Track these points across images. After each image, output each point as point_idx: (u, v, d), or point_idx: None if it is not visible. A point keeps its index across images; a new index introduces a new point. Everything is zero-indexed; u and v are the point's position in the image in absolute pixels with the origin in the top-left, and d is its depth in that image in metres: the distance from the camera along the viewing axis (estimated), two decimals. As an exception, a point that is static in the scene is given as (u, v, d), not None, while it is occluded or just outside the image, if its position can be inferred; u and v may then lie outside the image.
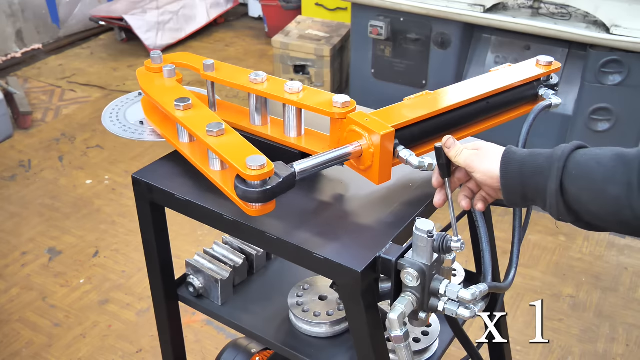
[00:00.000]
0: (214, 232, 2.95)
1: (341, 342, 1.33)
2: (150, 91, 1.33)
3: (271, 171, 1.01)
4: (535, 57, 1.35)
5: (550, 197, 0.96)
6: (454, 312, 0.99)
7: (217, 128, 1.13)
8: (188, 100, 1.23)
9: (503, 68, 1.35)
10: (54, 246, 3.08)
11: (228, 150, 1.08)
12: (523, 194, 1.01)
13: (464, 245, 0.99)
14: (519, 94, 1.31)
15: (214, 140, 1.12)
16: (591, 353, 2.49)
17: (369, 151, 1.11)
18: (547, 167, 0.97)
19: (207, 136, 1.13)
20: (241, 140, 1.12)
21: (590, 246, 3.04)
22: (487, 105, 1.26)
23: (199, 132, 1.15)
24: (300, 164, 1.06)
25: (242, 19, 5.98)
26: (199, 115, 1.21)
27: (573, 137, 3.03)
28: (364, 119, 1.12)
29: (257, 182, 1.00)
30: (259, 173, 0.99)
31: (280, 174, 1.01)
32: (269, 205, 1.05)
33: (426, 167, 1.11)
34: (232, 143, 1.11)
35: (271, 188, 1.00)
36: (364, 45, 3.44)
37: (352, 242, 1.09)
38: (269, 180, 1.01)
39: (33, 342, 2.55)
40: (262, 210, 1.05)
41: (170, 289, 1.45)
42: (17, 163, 3.77)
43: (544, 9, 3.07)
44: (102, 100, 4.50)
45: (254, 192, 1.00)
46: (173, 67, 1.38)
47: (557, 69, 1.34)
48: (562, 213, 0.97)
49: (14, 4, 5.06)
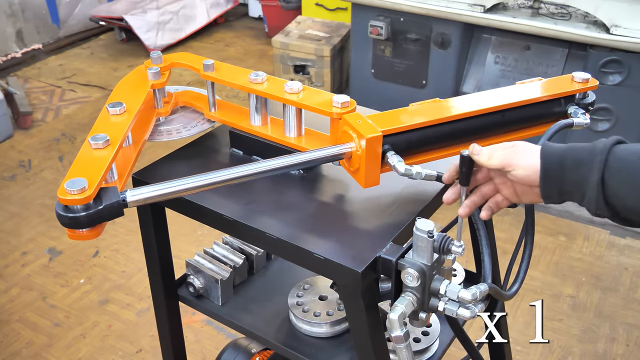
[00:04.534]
0: (214, 232, 2.95)
1: (341, 342, 1.33)
2: (117, 90, 1.33)
3: (89, 197, 0.96)
4: (572, 73, 1.26)
5: (591, 190, 0.96)
6: (454, 312, 0.99)
7: (95, 141, 1.08)
8: (120, 105, 1.21)
9: (531, 81, 1.28)
10: (54, 246, 3.08)
11: (76, 167, 1.03)
12: (561, 187, 1.00)
13: (464, 250, 0.99)
14: (542, 110, 1.24)
15: (84, 152, 1.08)
16: (591, 353, 2.49)
17: (357, 154, 1.10)
18: (588, 159, 0.96)
19: (87, 145, 1.09)
20: (102, 160, 1.06)
21: (590, 246, 3.04)
22: (502, 119, 1.20)
23: (86, 140, 1.11)
24: (134, 192, 1.01)
25: (242, 19, 5.98)
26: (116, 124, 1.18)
27: (573, 137, 3.03)
28: (356, 120, 1.11)
29: (79, 206, 0.97)
30: (74, 197, 0.95)
31: (103, 201, 0.98)
32: (92, 232, 1.00)
33: (414, 176, 1.09)
34: (92, 160, 1.06)
35: (86, 215, 0.96)
36: (364, 45, 3.44)
37: (352, 242, 1.08)
38: (92, 205, 0.97)
39: (33, 342, 2.55)
40: (84, 236, 1.00)
41: (170, 289, 1.45)
42: (17, 163, 3.77)
43: (544, 9, 3.07)
44: (102, 100, 4.50)
45: (65, 216, 0.96)
46: (158, 70, 1.36)
47: (594, 86, 1.25)
48: (600, 207, 0.96)
49: (14, 4, 5.06)
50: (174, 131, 1.38)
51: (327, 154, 1.12)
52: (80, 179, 0.97)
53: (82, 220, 0.97)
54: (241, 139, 1.34)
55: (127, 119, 1.20)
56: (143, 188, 1.02)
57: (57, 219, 0.98)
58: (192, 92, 1.49)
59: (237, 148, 1.36)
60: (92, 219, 0.97)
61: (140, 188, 1.02)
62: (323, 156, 1.12)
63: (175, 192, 1.04)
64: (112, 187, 1.01)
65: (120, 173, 1.14)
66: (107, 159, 1.06)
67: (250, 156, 1.34)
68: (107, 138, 1.09)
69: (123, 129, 1.16)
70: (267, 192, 1.23)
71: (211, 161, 1.35)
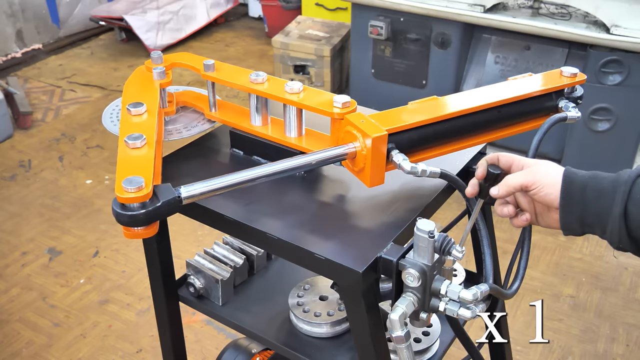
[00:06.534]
0: (214, 232, 2.95)
1: (342, 343, 1.33)
2: (125, 90, 1.33)
3: (147, 195, 0.96)
4: (560, 68, 1.29)
5: (613, 222, 0.93)
6: (455, 313, 0.99)
7: (133, 140, 1.09)
8: (141, 105, 1.21)
9: (522, 77, 1.30)
10: (54, 246, 3.08)
11: (123, 167, 1.04)
12: (582, 217, 0.97)
13: (464, 255, 0.99)
14: (535, 104, 1.26)
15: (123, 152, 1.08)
16: (591, 353, 2.49)
17: (362, 153, 1.10)
18: (611, 190, 0.94)
19: (123, 146, 1.10)
20: (148, 158, 1.07)
21: (590, 246, 3.04)
22: (498, 115, 1.22)
23: (120, 140, 1.12)
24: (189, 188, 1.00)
25: (242, 19, 5.98)
26: (137, 125, 1.18)
27: (573, 137, 3.03)
28: (359, 120, 1.11)
29: (135, 204, 0.96)
30: (133, 196, 0.95)
31: (160, 198, 0.97)
32: (149, 229, 1.00)
33: (419, 174, 1.09)
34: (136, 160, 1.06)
35: (145, 212, 0.96)
36: (364, 45, 3.44)
37: (353, 243, 1.08)
38: (149, 203, 0.96)
39: (33, 342, 2.55)
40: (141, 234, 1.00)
41: (170, 289, 1.45)
42: (17, 163, 3.77)
43: (544, 9, 3.07)
44: (102, 100, 4.50)
45: (124, 215, 0.96)
46: (163, 69, 1.36)
47: (582, 81, 1.28)
48: (622, 240, 0.93)
49: (14, 4, 5.06)
50: (174, 131, 1.38)
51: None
52: (136, 177, 0.97)
53: (141, 218, 0.96)
54: (242, 139, 1.34)
55: (151, 118, 1.21)
56: (195, 184, 1.02)
57: (115, 218, 0.97)
58: (192, 92, 1.49)
59: (238, 148, 1.36)
60: (150, 217, 0.97)
61: (192, 185, 1.01)
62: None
63: (226, 186, 1.04)
64: (165, 185, 1.00)
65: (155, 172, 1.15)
66: (151, 157, 1.06)
67: (250, 156, 1.34)
68: (144, 137, 1.09)
69: (152, 127, 1.16)
70: (267, 192, 1.23)
71: (211, 161, 1.35)
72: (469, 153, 1.32)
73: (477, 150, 1.34)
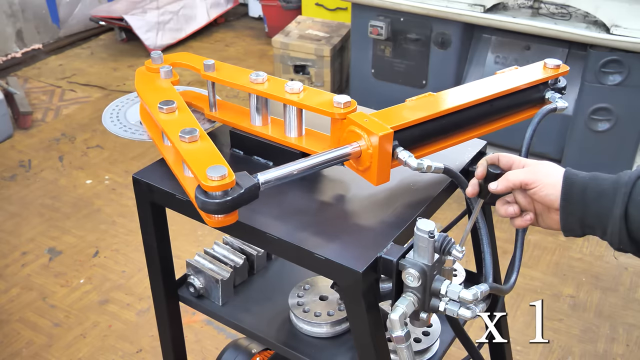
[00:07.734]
0: (214, 232, 2.95)
1: (342, 343, 1.33)
2: (142, 92, 1.33)
3: (232, 182, 0.98)
4: (543, 60, 1.33)
5: (613, 223, 0.93)
6: (455, 313, 0.99)
7: (190, 134, 1.09)
8: (172, 104, 1.21)
9: (509, 70, 1.34)
10: (54, 246, 3.08)
11: (194, 158, 1.05)
12: (582, 218, 0.97)
13: (464, 255, 0.99)
14: (525, 97, 1.30)
15: (184, 146, 1.09)
16: (591, 353, 2.49)
17: (368, 152, 1.10)
18: (611, 191, 0.94)
19: (180, 142, 1.10)
20: (212, 148, 1.09)
21: (590, 246, 3.04)
22: (491, 108, 1.24)
23: (173, 137, 1.12)
24: (265, 174, 1.03)
25: (242, 19, 5.98)
26: (179, 120, 1.19)
27: (573, 137, 3.03)
28: (363, 119, 1.12)
29: (218, 192, 0.97)
30: (219, 184, 0.96)
31: (242, 185, 0.99)
32: (230, 217, 1.02)
33: (425, 169, 1.10)
34: (201, 151, 1.08)
35: (231, 199, 0.97)
36: (364, 45, 3.44)
37: (353, 243, 1.08)
38: (231, 191, 0.98)
39: (33, 342, 2.55)
40: (223, 222, 1.02)
41: (170, 289, 1.45)
42: (17, 163, 3.77)
43: (544, 9, 3.07)
44: (102, 100, 4.50)
45: (212, 203, 0.97)
46: (170, 68, 1.37)
47: (565, 72, 1.32)
48: (623, 241, 0.94)
49: (14, 4, 5.06)
50: (174, 131, 1.38)
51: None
52: (218, 166, 0.98)
53: (228, 205, 0.97)
54: (242, 139, 1.34)
55: (187, 113, 1.22)
56: (269, 171, 1.04)
57: (200, 207, 0.98)
58: (192, 92, 1.49)
59: (238, 148, 1.36)
60: (236, 203, 0.98)
61: (266, 172, 1.03)
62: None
63: (300, 169, 1.07)
64: (243, 172, 1.01)
65: None
66: (214, 147, 1.08)
67: (250, 156, 1.34)
68: (197, 130, 1.11)
69: (194, 121, 1.18)
70: (267, 192, 1.22)
71: (212, 161, 1.35)
72: (469, 153, 1.32)
73: (477, 150, 1.34)
